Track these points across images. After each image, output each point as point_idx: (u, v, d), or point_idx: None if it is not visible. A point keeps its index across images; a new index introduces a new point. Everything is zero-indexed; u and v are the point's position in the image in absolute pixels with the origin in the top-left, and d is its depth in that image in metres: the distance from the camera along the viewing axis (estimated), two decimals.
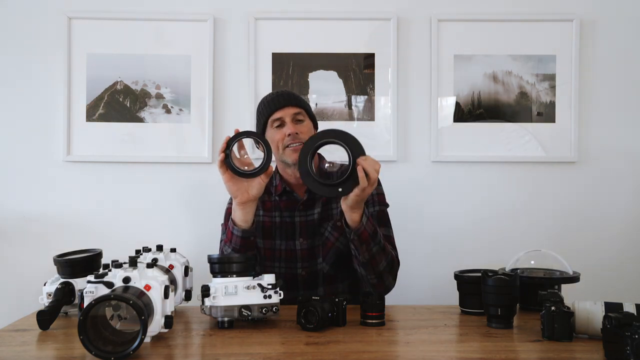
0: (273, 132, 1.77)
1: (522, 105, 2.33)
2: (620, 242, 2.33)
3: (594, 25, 2.33)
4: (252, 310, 1.41)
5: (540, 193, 2.34)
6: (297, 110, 1.76)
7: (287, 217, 1.80)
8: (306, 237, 1.78)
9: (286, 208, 1.80)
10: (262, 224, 1.80)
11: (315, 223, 1.78)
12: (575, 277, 1.64)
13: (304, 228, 1.78)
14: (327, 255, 1.77)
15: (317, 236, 1.77)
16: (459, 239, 2.33)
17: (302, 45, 2.32)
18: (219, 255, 1.46)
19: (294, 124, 1.74)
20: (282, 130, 1.75)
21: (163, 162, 2.31)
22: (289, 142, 1.73)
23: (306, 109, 1.80)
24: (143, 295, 1.23)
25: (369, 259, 1.63)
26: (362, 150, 1.51)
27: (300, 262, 1.78)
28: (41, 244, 2.26)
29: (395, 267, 1.72)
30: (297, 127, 1.74)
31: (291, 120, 1.74)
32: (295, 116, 1.75)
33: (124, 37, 2.30)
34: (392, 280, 1.72)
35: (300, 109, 1.77)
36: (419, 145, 2.34)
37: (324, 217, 1.79)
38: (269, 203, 1.83)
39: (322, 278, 1.78)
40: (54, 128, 2.29)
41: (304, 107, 1.79)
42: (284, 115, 1.74)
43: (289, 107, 1.75)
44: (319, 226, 1.78)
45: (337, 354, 1.22)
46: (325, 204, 1.80)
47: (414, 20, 2.33)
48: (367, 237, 1.60)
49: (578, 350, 1.24)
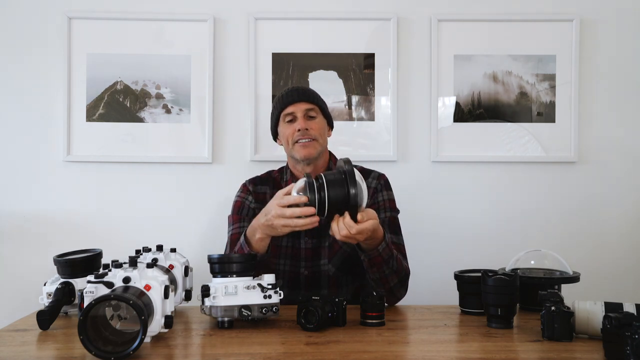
0: (284, 126, 1.76)
1: (522, 105, 2.33)
2: (620, 242, 2.33)
3: (594, 25, 2.33)
4: (252, 310, 1.41)
5: (540, 193, 2.34)
6: (310, 107, 1.75)
7: None
8: (311, 236, 1.76)
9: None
10: None
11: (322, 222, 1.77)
12: (575, 277, 1.64)
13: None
14: (333, 258, 1.76)
15: (323, 237, 1.76)
16: (459, 239, 2.33)
17: (302, 45, 2.32)
18: (219, 255, 1.46)
19: (305, 120, 1.74)
20: (293, 125, 1.74)
21: (163, 162, 2.31)
22: (299, 137, 1.72)
23: (320, 106, 1.78)
24: (143, 295, 1.23)
25: (379, 278, 1.61)
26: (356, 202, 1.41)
27: (304, 262, 1.77)
28: (41, 244, 2.26)
29: (406, 280, 1.69)
30: (308, 122, 1.73)
31: (303, 115, 1.74)
32: (307, 112, 1.74)
33: (124, 37, 2.30)
34: (404, 291, 1.70)
35: (313, 105, 1.75)
36: (419, 145, 2.34)
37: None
38: None
39: (327, 280, 1.76)
40: (54, 128, 2.29)
41: (318, 104, 1.77)
42: (296, 110, 1.74)
43: (301, 103, 1.74)
44: (326, 226, 1.77)
45: (337, 354, 1.22)
46: None
47: (414, 20, 2.33)
48: (380, 261, 1.57)
49: (578, 350, 1.24)
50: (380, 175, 1.85)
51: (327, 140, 1.82)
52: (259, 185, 1.85)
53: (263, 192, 1.83)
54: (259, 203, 1.80)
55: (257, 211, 1.78)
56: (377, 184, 1.82)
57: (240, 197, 1.84)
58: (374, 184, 1.82)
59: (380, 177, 1.84)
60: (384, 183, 1.83)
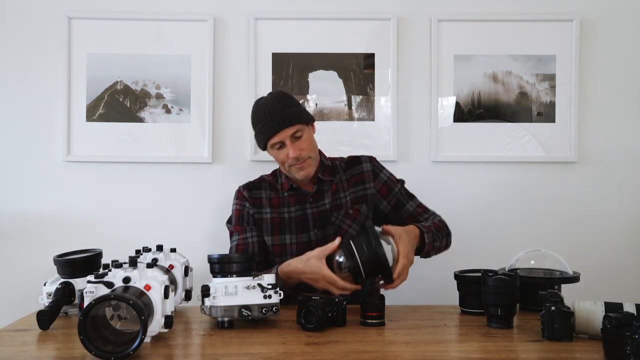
0: (275, 152, 1.79)
1: (522, 105, 2.33)
2: (620, 242, 2.33)
3: (594, 25, 2.33)
4: (252, 310, 1.41)
5: (540, 193, 2.33)
6: (294, 130, 1.74)
7: (298, 210, 1.82)
8: (320, 228, 1.81)
9: (296, 202, 1.83)
10: (271, 221, 1.83)
11: (328, 213, 1.82)
12: (575, 277, 1.64)
13: (317, 219, 1.81)
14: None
15: (329, 226, 1.81)
16: (459, 238, 2.31)
17: (302, 45, 2.32)
18: (219, 255, 1.46)
19: (293, 143, 1.74)
20: (284, 151, 1.76)
21: (163, 162, 2.31)
22: (293, 163, 1.76)
23: (301, 121, 1.76)
24: (143, 295, 1.23)
25: (439, 250, 1.80)
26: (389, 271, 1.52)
27: None
28: (41, 244, 2.26)
29: (447, 231, 1.84)
30: (296, 145, 1.74)
31: (290, 141, 1.74)
32: (293, 135, 1.74)
33: (124, 37, 2.30)
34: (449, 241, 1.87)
35: (296, 127, 1.74)
36: (419, 145, 2.34)
37: (335, 206, 1.83)
38: (276, 200, 1.85)
39: None
40: (54, 128, 2.29)
41: (299, 121, 1.75)
42: (282, 138, 1.74)
43: (285, 130, 1.73)
44: (331, 215, 1.82)
45: (337, 354, 1.22)
46: (334, 193, 1.84)
47: (414, 20, 2.33)
48: (431, 247, 1.73)
49: (578, 350, 1.24)
50: (370, 157, 1.92)
51: (315, 141, 1.84)
52: (254, 190, 1.87)
53: (259, 196, 1.86)
54: (256, 208, 1.84)
55: (256, 216, 1.83)
56: (372, 167, 1.89)
57: (239, 205, 1.87)
58: (369, 167, 1.89)
59: (371, 159, 1.91)
60: (377, 163, 1.92)
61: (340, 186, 1.85)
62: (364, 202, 1.83)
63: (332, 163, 1.90)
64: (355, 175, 1.87)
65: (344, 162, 1.91)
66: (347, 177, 1.87)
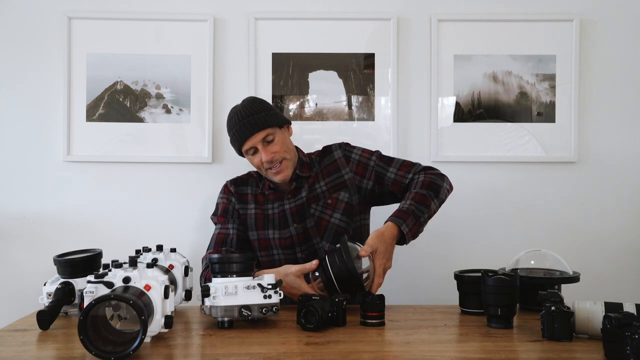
0: (250, 158, 1.83)
1: (522, 105, 2.33)
2: (620, 242, 2.33)
3: (594, 25, 2.33)
4: (252, 310, 1.41)
5: (540, 193, 2.33)
6: (265, 134, 1.77)
7: (278, 207, 1.86)
8: (299, 222, 1.83)
9: (276, 199, 1.87)
10: (255, 216, 1.87)
11: (305, 206, 1.84)
12: (575, 277, 1.64)
13: (294, 213, 1.84)
14: (324, 234, 1.83)
15: (308, 218, 1.83)
16: (459, 239, 2.33)
17: (302, 45, 2.32)
18: (219, 255, 1.46)
19: (265, 147, 1.78)
20: (258, 156, 1.79)
21: (163, 162, 2.31)
22: (268, 166, 1.80)
23: (271, 125, 1.79)
24: (143, 295, 1.23)
25: (435, 212, 1.75)
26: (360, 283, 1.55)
27: (298, 247, 1.84)
28: (41, 244, 2.26)
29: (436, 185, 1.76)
30: (269, 148, 1.78)
31: (262, 145, 1.78)
32: (264, 139, 1.78)
33: (124, 37, 2.30)
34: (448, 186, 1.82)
35: (267, 131, 1.77)
36: (419, 145, 2.34)
37: (311, 197, 1.85)
38: (261, 197, 1.89)
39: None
40: (54, 128, 2.29)
41: (269, 125, 1.78)
42: (254, 143, 1.78)
43: (255, 135, 1.77)
44: (309, 207, 1.84)
45: (337, 354, 1.22)
46: (310, 185, 1.87)
47: (414, 20, 2.33)
48: (415, 231, 1.67)
49: (578, 350, 1.24)
50: (340, 144, 1.93)
51: (291, 143, 1.87)
52: (241, 186, 1.92)
53: (245, 192, 1.91)
54: (241, 203, 1.88)
55: (241, 212, 1.87)
56: (343, 152, 1.90)
57: (225, 199, 1.91)
58: (340, 154, 1.90)
59: (341, 145, 1.92)
60: (348, 147, 1.92)
61: (316, 178, 1.87)
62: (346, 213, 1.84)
63: (309, 158, 1.92)
64: (328, 165, 1.89)
65: (318, 155, 1.94)
66: (322, 168, 1.89)
